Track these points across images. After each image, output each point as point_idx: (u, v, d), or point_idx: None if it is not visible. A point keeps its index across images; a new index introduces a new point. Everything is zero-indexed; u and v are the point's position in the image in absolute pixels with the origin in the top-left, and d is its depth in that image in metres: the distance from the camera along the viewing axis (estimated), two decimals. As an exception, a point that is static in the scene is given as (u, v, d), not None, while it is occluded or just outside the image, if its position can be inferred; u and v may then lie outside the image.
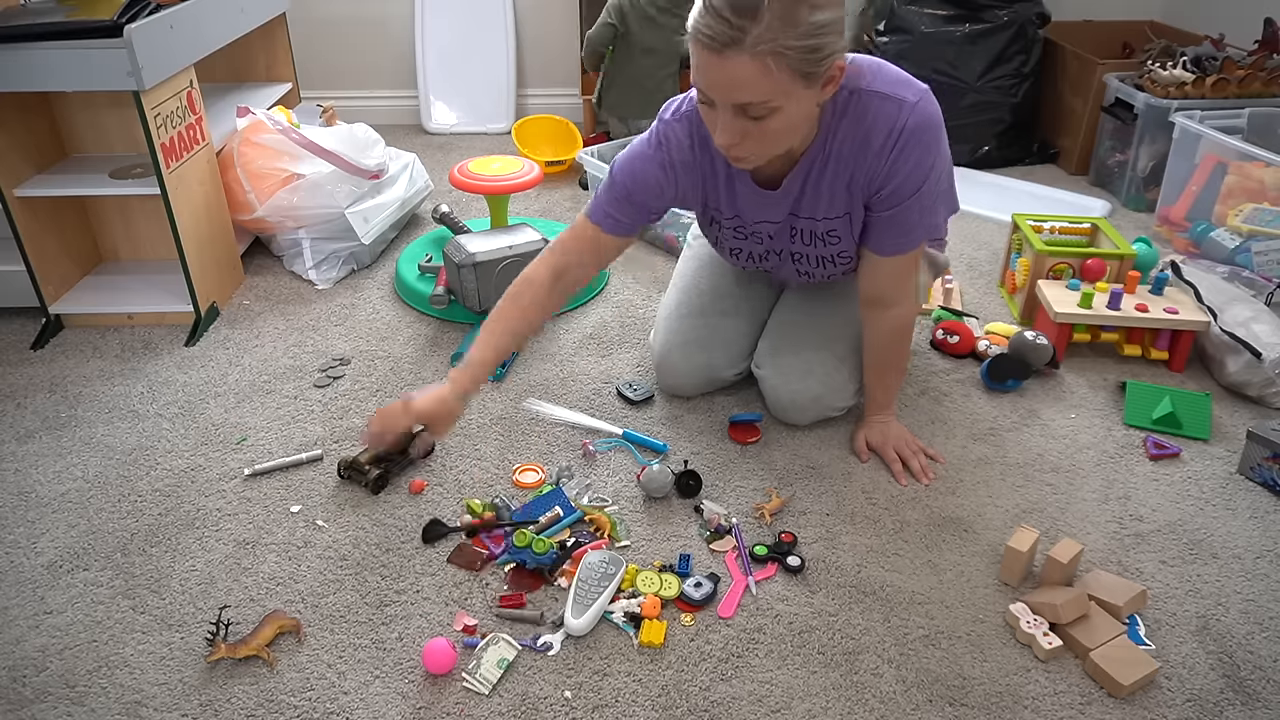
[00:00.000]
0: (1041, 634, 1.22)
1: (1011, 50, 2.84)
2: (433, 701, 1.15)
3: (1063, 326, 1.83)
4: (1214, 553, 1.40)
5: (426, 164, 2.69)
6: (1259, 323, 1.76)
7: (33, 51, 1.68)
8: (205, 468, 1.56)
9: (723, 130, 1.23)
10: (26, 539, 1.41)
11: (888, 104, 1.31)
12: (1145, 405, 1.69)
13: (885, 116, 1.31)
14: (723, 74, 1.15)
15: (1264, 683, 1.19)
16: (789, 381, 1.62)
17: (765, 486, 1.51)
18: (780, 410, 1.65)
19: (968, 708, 1.15)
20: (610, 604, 1.27)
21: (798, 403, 1.62)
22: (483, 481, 1.53)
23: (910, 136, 1.31)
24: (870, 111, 1.31)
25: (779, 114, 1.19)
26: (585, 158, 2.48)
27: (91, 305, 1.99)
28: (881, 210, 1.39)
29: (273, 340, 1.94)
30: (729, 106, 1.19)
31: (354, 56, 3.28)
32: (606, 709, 1.14)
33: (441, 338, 1.95)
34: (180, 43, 1.88)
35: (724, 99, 1.19)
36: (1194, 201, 2.32)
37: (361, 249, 2.20)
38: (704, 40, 1.14)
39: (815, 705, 1.15)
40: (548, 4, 3.22)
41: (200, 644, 1.23)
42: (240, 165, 2.10)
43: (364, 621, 1.26)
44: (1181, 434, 1.65)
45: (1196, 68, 2.53)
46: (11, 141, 1.85)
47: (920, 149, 1.32)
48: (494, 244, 1.89)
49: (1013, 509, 1.48)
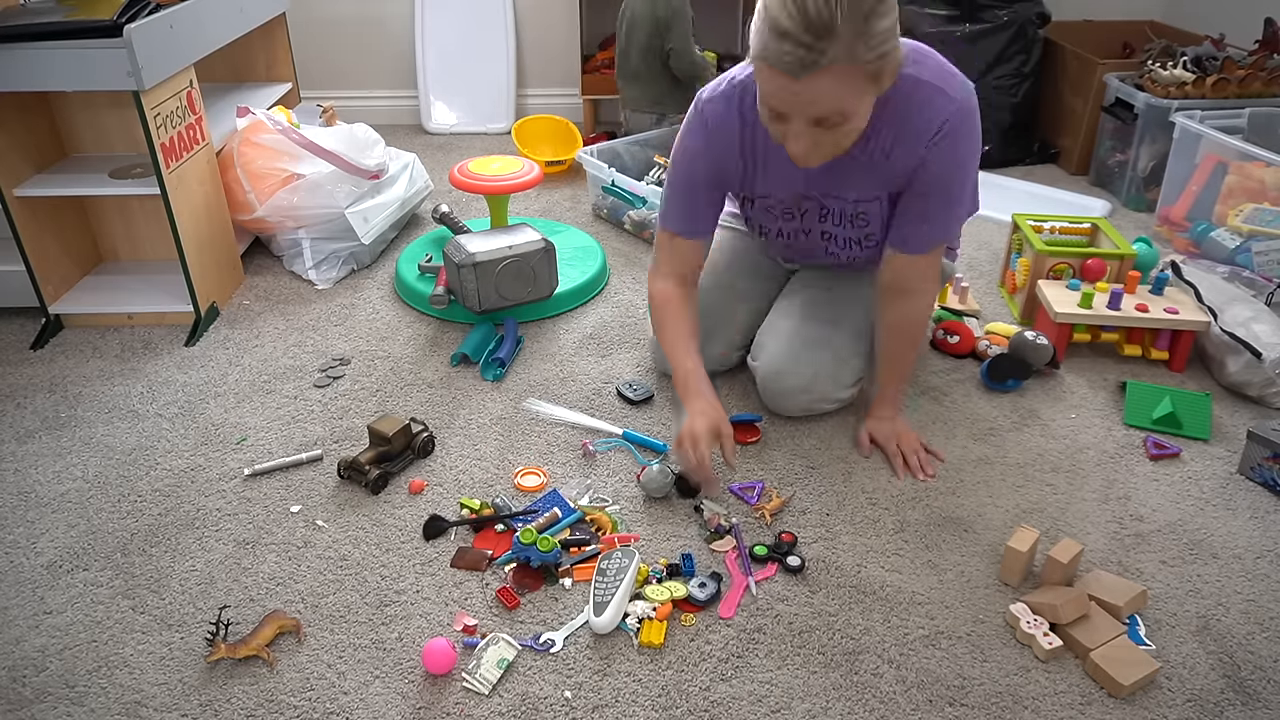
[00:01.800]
0: (1041, 634, 1.22)
1: (1011, 50, 2.84)
2: (433, 701, 1.15)
3: (1063, 326, 1.83)
4: (1214, 553, 1.40)
5: (426, 164, 2.69)
6: (1259, 323, 1.76)
7: (32, 51, 1.68)
8: (205, 468, 1.56)
9: (795, 140, 1.25)
10: (26, 539, 1.41)
11: (937, 96, 1.32)
12: (1145, 405, 1.69)
13: (933, 107, 1.32)
14: (803, 95, 1.18)
15: (1264, 683, 1.19)
16: (779, 367, 1.62)
17: (765, 487, 1.51)
18: (769, 397, 1.66)
19: (968, 708, 1.15)
20: (629, 599, 1.27)
21: (786, 390, 1.63)
22: (483, 481, 1.53)
23: (954, 130, 1.33)
24: (918, 99, 1.33)
25: (852, 119, 1.23)
26: (585, 158, 2.48)
27: (91, 305, 1.99)
28: (912, 199, 1.41)
29: (273, 340, 1.94)
30: (804, 119, 1.21)
31: (354, 56, 3.28)
32: (606, 709, 1.14)
33: (441, 338, 1.95)
34: (180, 43, 1.88)
35: (800, 114, 1.21)
36: (1194, 201, 2.32)
37: (361, 249, 2.20)
38: (782, 66, 1.15)
39: (815, 705, 1.15)
40: (548, 4, 3.22)
41: (200, 644, 1.23)
42: (240, 165, 2.10)
43: (364, 621, 1.26)
44: (1181, 434, 1.65)
45: (1197, 68, 2.53)
46: (11, 141, 1.85)
47: (961, 143, 1.35)
48: (494, 244, 1.89)
49: (1013, 509, 1.48)
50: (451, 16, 3.20)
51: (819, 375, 1.61)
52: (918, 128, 1.33)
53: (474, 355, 1.84)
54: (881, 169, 1.40)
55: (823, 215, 1.52)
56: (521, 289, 1.92)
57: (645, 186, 2.33)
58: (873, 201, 1.46)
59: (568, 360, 1.87)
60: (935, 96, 1.32)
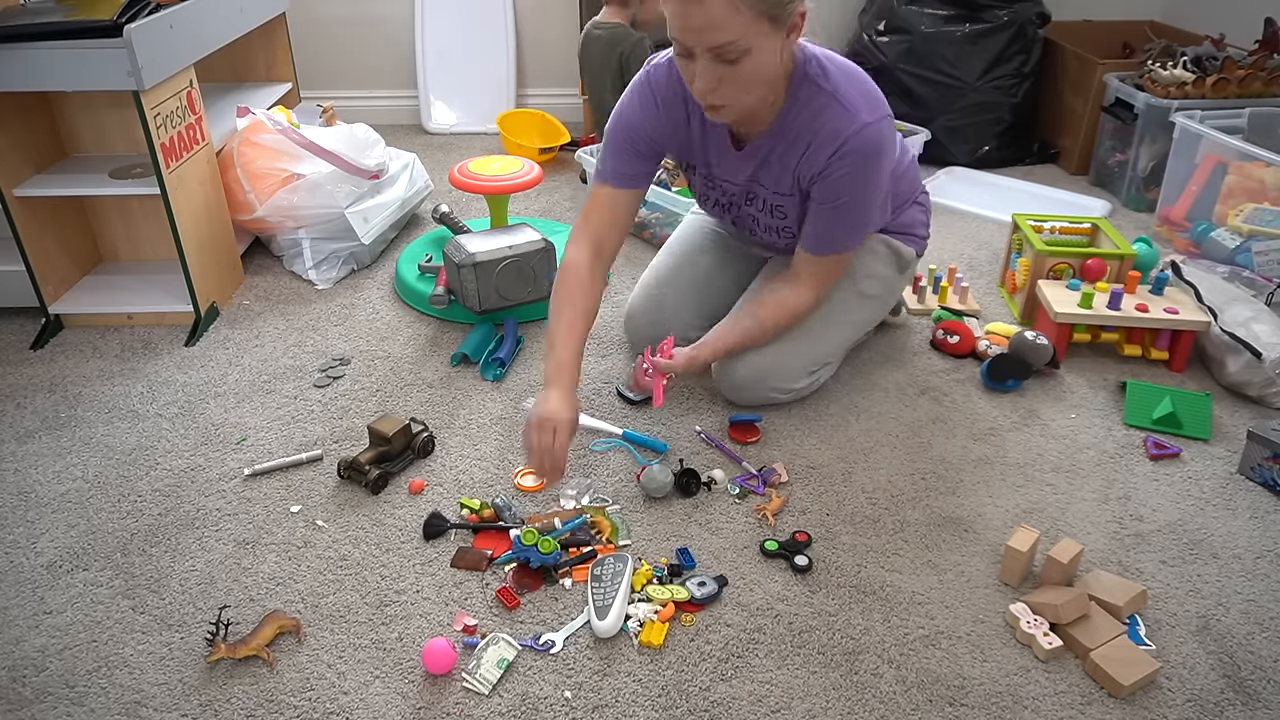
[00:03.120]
0: (1041, 634, 1.22)
1: (1011, 50, 2.84)
2: (433, 701, 1.15)
3: (1063, 326, 1.83)
4: (1214, 553, 1.40)
5: (426, 164, 2.69)
6: (1259, 323, 1.76)
7: (32, 51, 1.68)
8: (205, 468, 1.56)
9: (700, 77, 1.32)
10: (26, 539, 1.41)
11: (843, 114, 1.40)
12: (1145, 405, 1.69)
13: (836, 122, 1.41)
14: (697, 17, 1.25)
15: (1264, 683, 1.19)
16: (734, 356, 1.64)
17: (776, 471, 1.51)
18: (725, 388, 1.69)
19: (968, 708, 1.15)
20: (628, 601, 1.27)
21: (736, 379, 1.66)
22: (483, 481, 1.53)
23: (851, 153, 1.42)
24: (825, 112, 1.42)
25: (750, 57, 1.29)
26: (585, 157, 2.48)
27: (91, 305, 1.99)
28: (815, 204, 1.51)
29: (273, 340, 1.94)
30: (705, 53, 1.28)
31: (354, 56, 3.28)
32: (606, 709, 1.14)
33: (441, 338, 1.95)
34: (180, 43, 1.88)
35: (699, 43, 1.28)
36: (1194, 201, 2.32)
37: (361, 249, 2.20)
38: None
39: (815, 705, 1.15)
40: (548, 4, 3.22)
41: (200, 644, 1.23)
42: (240, 165, 2.10)
43: (364, 621, 1.26)
44: (1182, 434, 1.65)
45: (1197, 67, 2.53)
46: (11, 141, 1.85)
47: (857, 168, 1.44)
48: (494, 244, 1.89)
49: (1013, 509, 1.48)
50: (451, 16, 3.20)
51: (771, 367, 1.64)
52: (821, 138, 1.42)
53: (474, 355, 1.84)
54: (790, 168, 1.48)
55: (749, 199, 1.60)
56: (521, 289, 1.92)
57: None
58: (789, 196, 1.53)
59: (568, 360, 1.87)
60: (843, 115, 1.41)
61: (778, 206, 1.56)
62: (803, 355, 1.66)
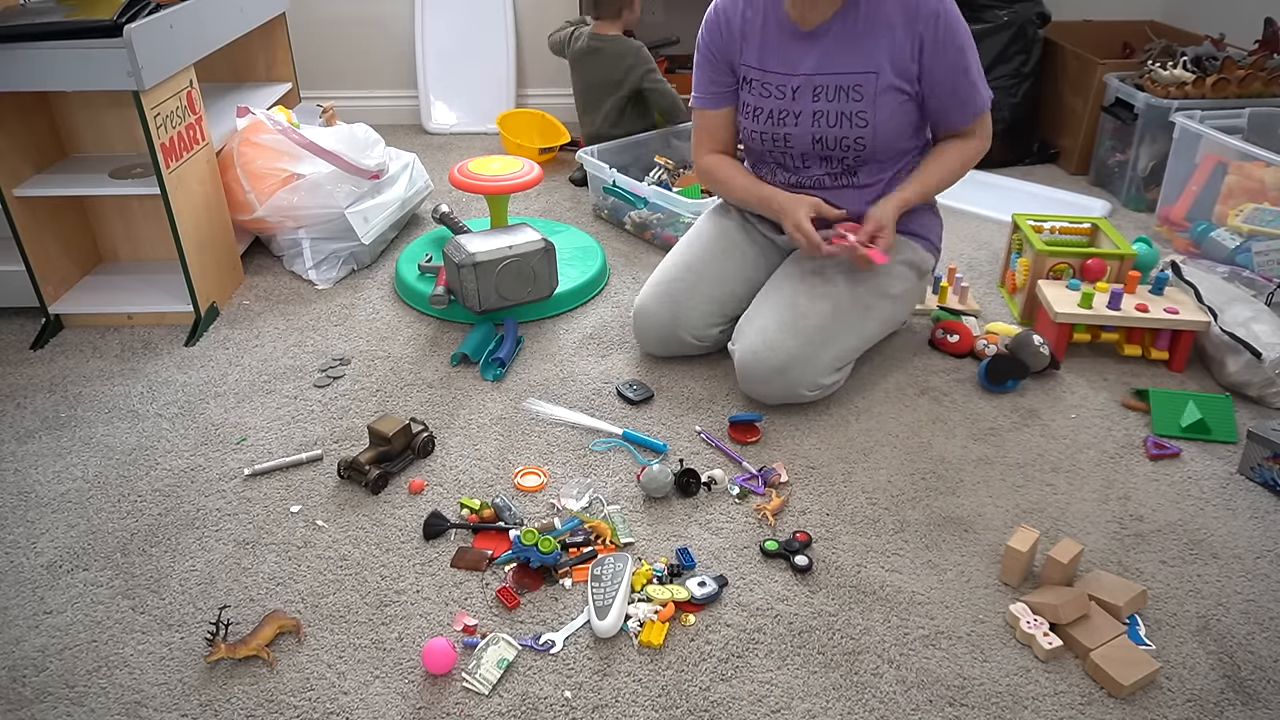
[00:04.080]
0: (1041, 634, 1.22)
1: (1011, 50, 2.84)
2: (433, 701, 1.15)
3: (1063, 326, 1.83)
4: (1214, 553, 1.40)
5: (426, 164, 2.69)
6: (1259, 323, 1.76)
7: (32, 51, 1.68)
8: (205, 468, 1.56)
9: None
10: (26, 539, 1.41)
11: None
12: (1171, 413, 1.67)
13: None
14: None
15: (1264, 683, 1.19)
16: (756, 347, 1.63)
17: (775, 472, 1.51)
18: (747, 382, 1.67)
19: (968, 708, 1.15)
20: (628, 601, 1.27)
21: (762, 372, 1.63)
22: (483, 482, 1.53)
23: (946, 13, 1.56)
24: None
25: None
26: (586, 158, 2.48)
27: (91, 305, 1.99)
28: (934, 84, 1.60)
29: (273, 340, 1.94)
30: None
31: (354, 56, 3.28)
32: (606, 709, 1.14)
33: (441, 338, 1.95)
34: (180, 43, 1.88)
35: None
36: (1194, 201, 2.32)
37: (361, 249, 2.20)
38: None
39: (815, 705, 1.15)
40: (548, 4, 3.22)
41: (200, 644, 1.23)
42: (240, 165, 2.10)
43: (364, 621, 1.26)
44: (1210, 439, 1.64)
45: (1197, 68, 2.53)
46: (11, 141, 1.85)
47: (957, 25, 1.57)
48: (494, 244, 1.89)
49: (1013, 509, 1.48)
50: (451, 16, 3.20)
51: (796, 357, 1.61)
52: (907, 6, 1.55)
53: (474, 355, 1.84)
54: (881, 39, 1.57)
55: (815, 94, 1.63)
56: (521, 289, 1.92)
57: (646, 187, 2.33)
58: (867, 74, 1.59)
59: (568, 360, 1.87)
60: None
61: (855, 86, 1.60)
62: (831, 347, 1.64)
